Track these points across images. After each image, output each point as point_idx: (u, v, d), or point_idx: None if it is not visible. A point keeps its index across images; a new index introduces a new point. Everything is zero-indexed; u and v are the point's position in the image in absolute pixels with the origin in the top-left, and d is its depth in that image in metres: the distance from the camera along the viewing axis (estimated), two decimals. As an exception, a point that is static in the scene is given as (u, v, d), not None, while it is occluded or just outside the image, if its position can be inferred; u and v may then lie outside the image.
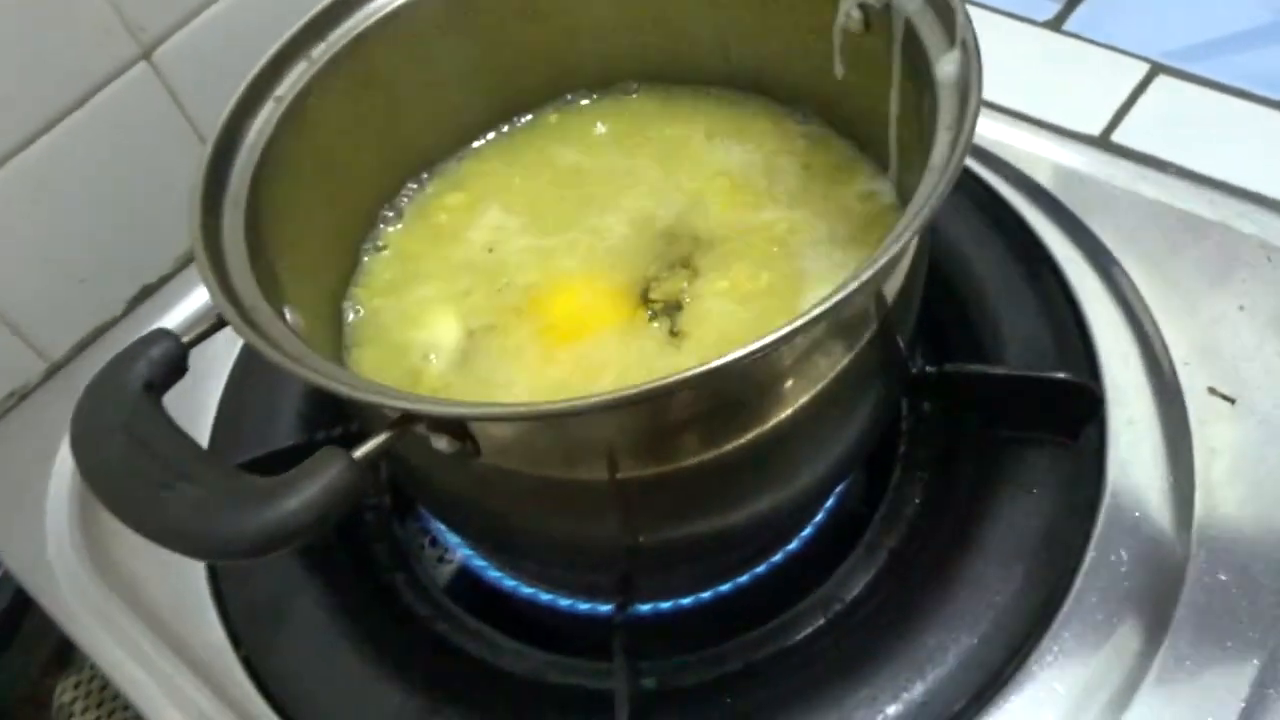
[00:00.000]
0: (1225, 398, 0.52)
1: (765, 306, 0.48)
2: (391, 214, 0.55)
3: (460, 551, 0.56)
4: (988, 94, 0.64)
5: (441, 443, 0.35)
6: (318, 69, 0.48)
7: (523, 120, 0.58)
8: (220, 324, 0.38)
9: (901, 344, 0.47)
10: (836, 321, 0.39)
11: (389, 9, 0.50)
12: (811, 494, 0.50)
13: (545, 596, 0.52)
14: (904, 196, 0.49)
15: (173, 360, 0.37)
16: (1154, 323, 0.55)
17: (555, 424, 0.35)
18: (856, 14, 0.46)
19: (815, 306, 0.33)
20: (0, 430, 0.66)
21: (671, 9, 0.53)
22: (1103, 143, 0.68)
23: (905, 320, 0.47)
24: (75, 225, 0.67)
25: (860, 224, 0.50)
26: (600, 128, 0.56)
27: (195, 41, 0.67)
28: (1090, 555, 0.48)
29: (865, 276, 0.33)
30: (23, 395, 0.69)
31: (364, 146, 0.51)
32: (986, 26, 0.71)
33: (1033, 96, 0.69)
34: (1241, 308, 0.55)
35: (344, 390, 0.33)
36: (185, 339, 0.38)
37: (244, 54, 0.46)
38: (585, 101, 0.58)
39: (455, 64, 0.54)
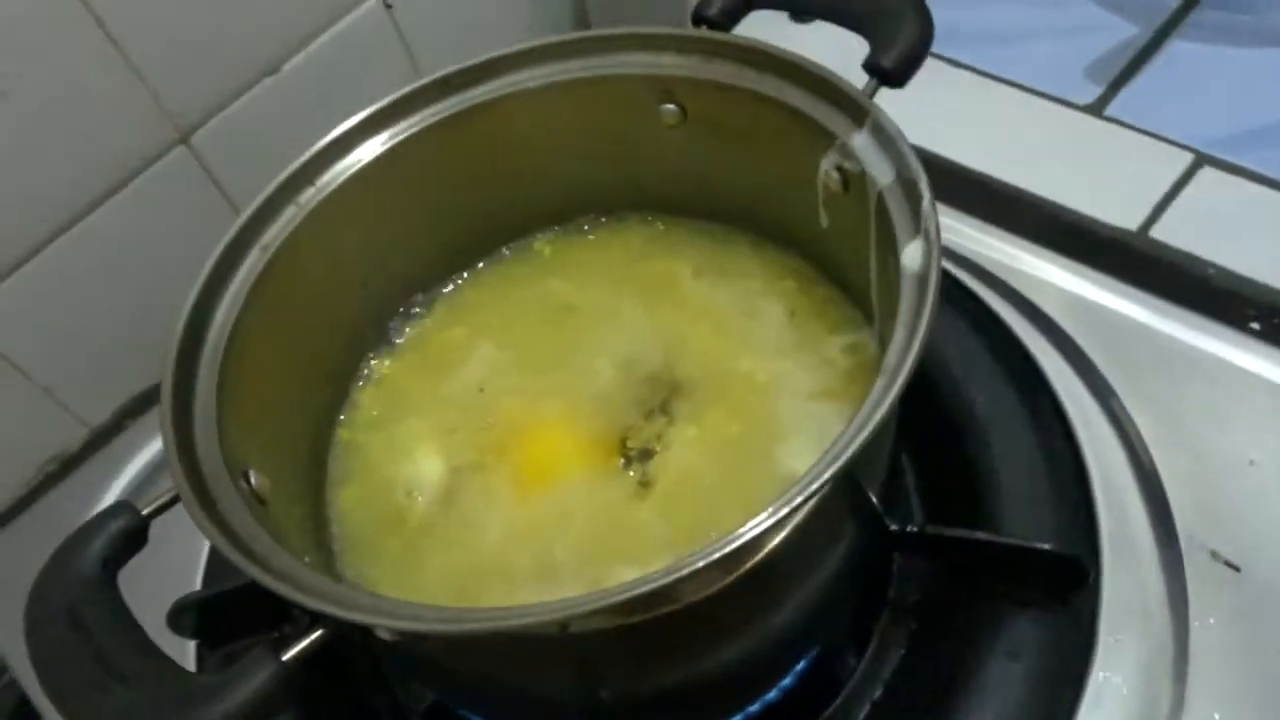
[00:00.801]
0: (1230, 565, 0.50)
1: (735, 458, 0.48)
2: (383, 345, 0.56)
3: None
4: (1023, 179, 0.65)
5: (385, 634, 0.35)
6: (306, 213, 0.49)
7: (513, 247, 0.58)
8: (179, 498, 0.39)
9: (874, 501, 0.46)
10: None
11: (380, 152, 0.51)
12: (785, 650, 0.49)
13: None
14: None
15: (132, 533, 0.38)
16: (1158, 477, 0.53)
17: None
18: (835, 175, 0.45)
19: (764, 516, 0.33)
20: (26, 519, 0.68)
21: (667, 151, 0.53)
22: (1140, 238, 0.65)
23: (874, 479, 0.46)
24: (119, 296, 0.70)
25: (843, 377, 0.49)
26: (592, 261, 0.56)
27: (232, 126, 0.69)
28: (1073, 732, 0.46)
29: (806, 490, 0.33)
30: (65, 461, 0.72)
31: (349, 284, 0.52)
32: (1024, 108, 0.71)
33: (1068, 187, 0.67)
34: (1252, 462, 0.53)
35: (270, 585, 0.34)
36: (145, 511, 0.39)
37: (280, 135, 0.48)
38: (585, 228, 0.58)
39: (446, 197, 0.54)
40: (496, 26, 0.80)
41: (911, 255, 0.38)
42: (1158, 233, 0.64)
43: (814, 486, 0.32)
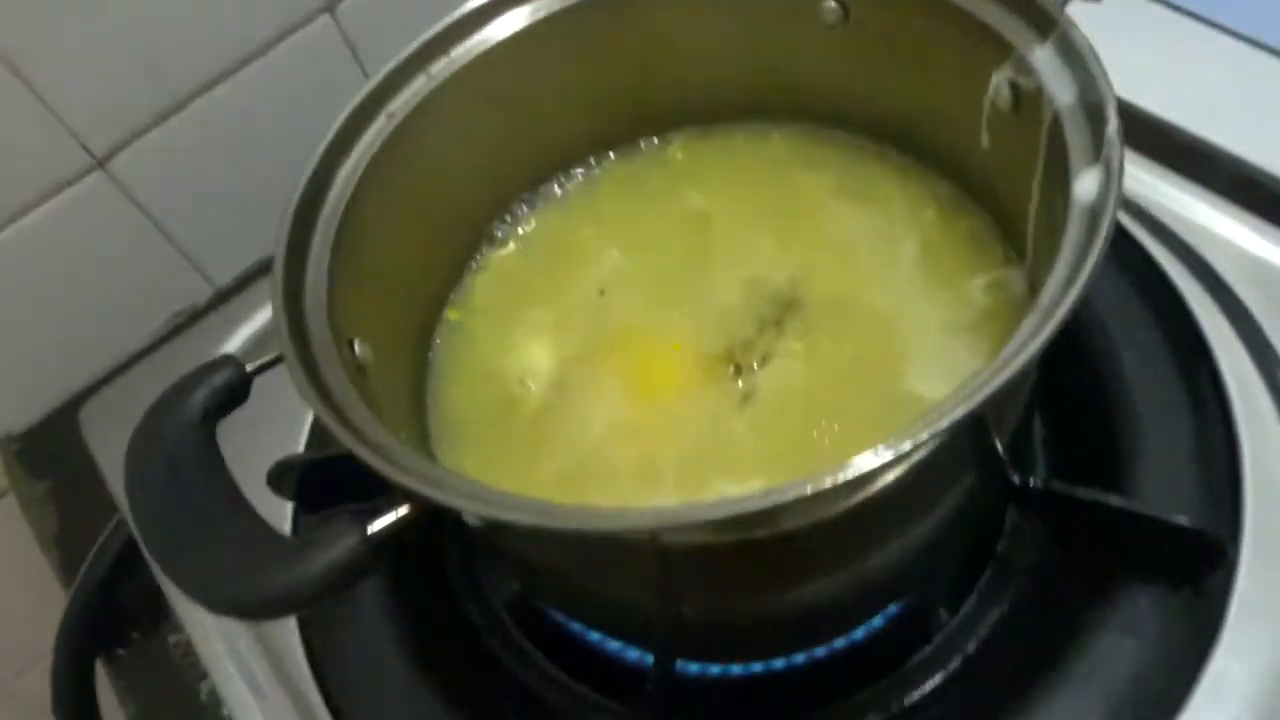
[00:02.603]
0: (1388, 567, 0.45)
1: (851, 382, 0.46)
2: (505, 232, 0.54)
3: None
4: (1210, 130, 0.59)
5: (473, 519, 0.34)
6: (437, 84, 0.47)
7: (649, 143, 0.55)
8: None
9: (1000, 448, 0.43)
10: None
11: (520, 28, 0.48)
12: (880, 593, 0.47)
13: (593, 635, 0.52)
14: (1036, 293, 0.44)
15: (234, 387, 0.38)
16: (1320, 463, 0.48)
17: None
18: (1007, 91, 0.41)
19: (882, 449, 0.30)
20: (144, 367, 0.70)
21: (821, 54, 0.49)
22: None
23: (1004, 424, 0.42)
24: (254, 161, 0.71)
25: (980, 314, 0.45)
26: (730, 168, 0.53)
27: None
28: (1182, 721, 0.43)
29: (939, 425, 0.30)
30: (191, 315, 0.75)
31: (475, 165, 0.50)
32: (1222, 53, 0.64)
33: (1257, 139, 0.61)
34: None
35: (361, 454, 0.33)
36: (249, 367, 0.38)
37: (425, 8, 0.46)
38: (726, 131, 0.55)
39: (582, 83, 0.52)
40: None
41: (1086, 186, 0.34)
42: None
43: (942, 424, 0.30)
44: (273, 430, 0.57)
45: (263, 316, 0.70)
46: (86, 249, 0.67)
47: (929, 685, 0.48)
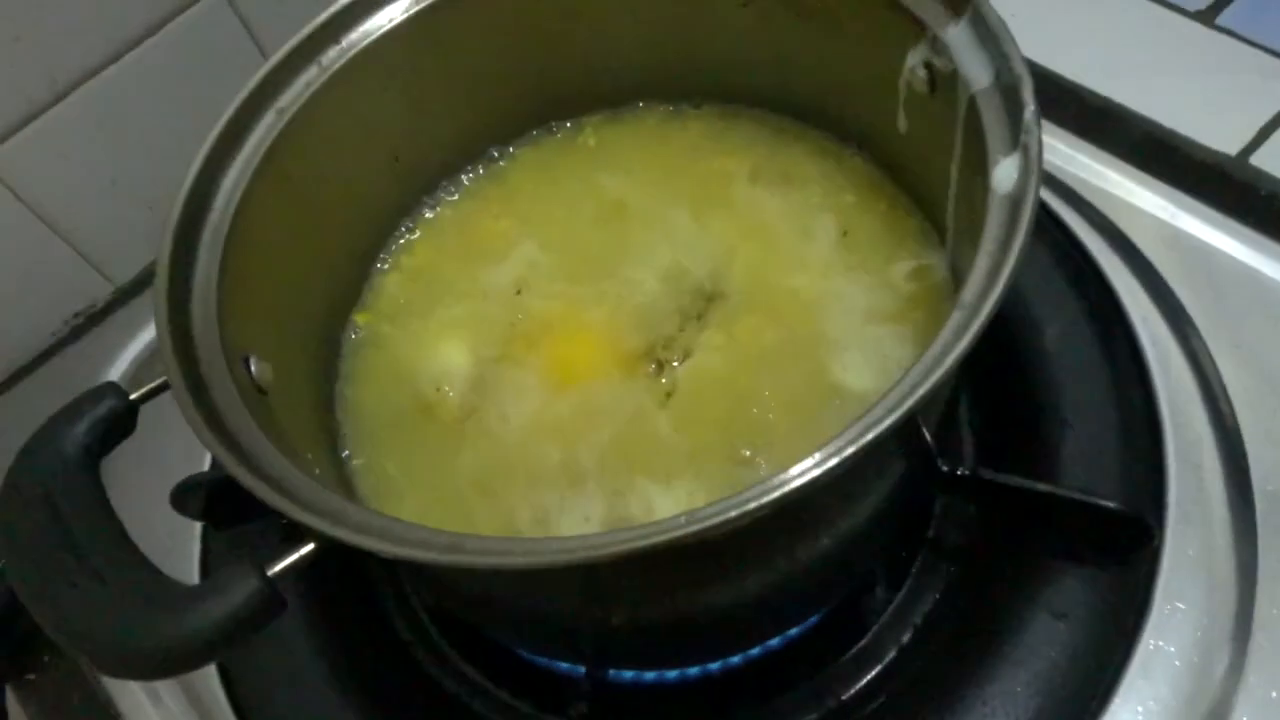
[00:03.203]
0: (1308, 534, 0.45)
1: (773, 372, 0.44)
2: (413, 228, 0.51)
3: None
4: (1118, 91, 0.58)
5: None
6: (330, 75, 0.44)
7: (560, 128, 0.53)
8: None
9: (928, 439, 0.42)
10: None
11: (417, 9, 0.46)
12: (813, 587, 0.46)
13: (519, 649, 0.50)
14: (958, 277, 0.43)
15: (118, 418, 0.35)
16: (1239, 432, 0.48)
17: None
18: (922, 73, 0.40)
19: (824, 456, 0.29)
20: (47, 370, 0.67)
21: (732, 31, 0.47)
22: (1240, 164, 0.59)
23: (931, 416, 0.41)
24: (142, 150, 0.67)
25: (904, 301, 0.44)
26: (645, 153, 0.51)
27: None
28: (1114, 702, 0.43)
29: (872, 434, 0.29)
30: (89, 315, 0.71)
31: (377, 160, 0.48)
32: (1126, 11, 0.63)
33: (1168, 102, 0.61)
34: (1349, 426, 0.48)
35: (254, 488, 0.31)
36: (134, 396, 0.36)
37: None
38: (639, 115, 0.53)
39: (487, 65, 0.49)
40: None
41: (1005, 174, 0.33)
42: (1260, 159, 0.58)
43: (869, 437, 0.28)
44: (174, 444, 0.54)
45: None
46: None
47: (865, 678, 0.48)
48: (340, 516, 0.31)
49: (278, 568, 0.31)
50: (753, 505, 0.29)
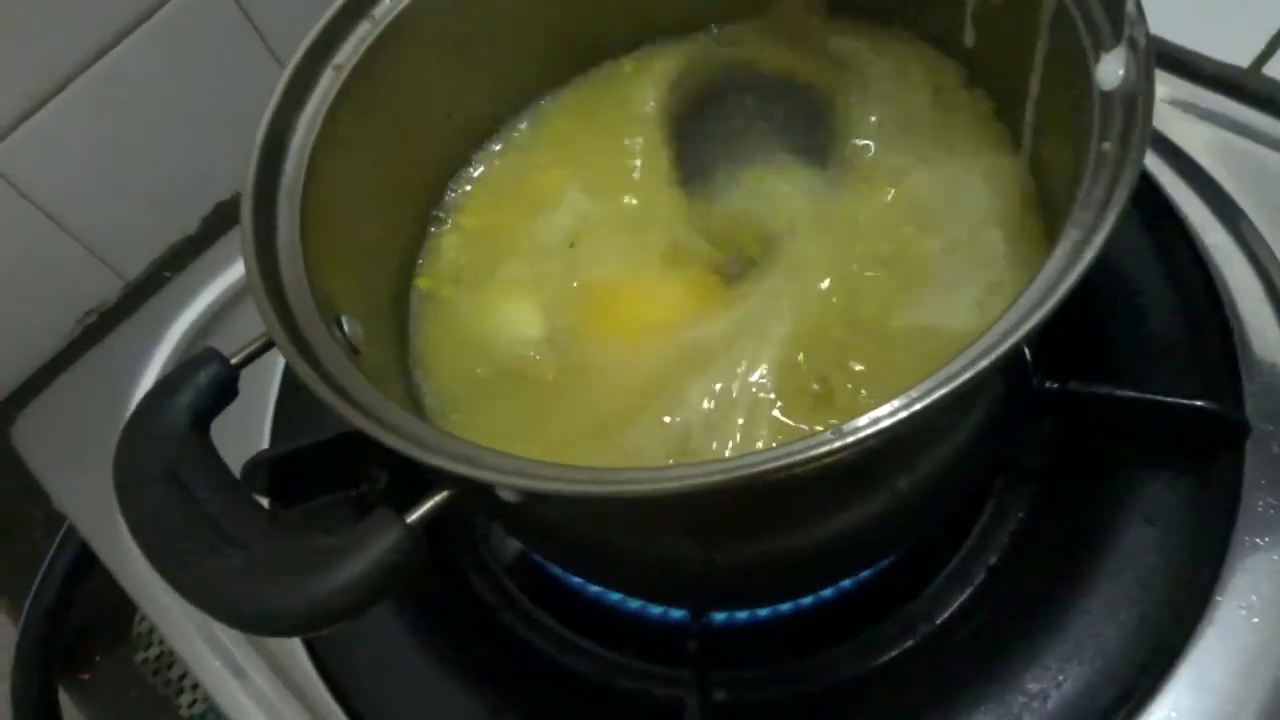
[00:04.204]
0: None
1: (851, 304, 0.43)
2: (464, 188, 0.50)
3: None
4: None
5: (508, 495, 0.32)
6: (381, 30, 0.43)
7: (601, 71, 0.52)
8: (271, 344, 0.35)
9: (1028, 357, 0.42)
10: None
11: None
12: (909, 519, 0.46)
13: (613, 596, 0.50)
14: (1038, 182, 0.43)
15: (221, 385, 0.34)
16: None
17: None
18: (999, -19, 0.39)
19: (953, 373, 0.28)
20: (74, 373, 0.65)
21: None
22: (1250, 76, 0.59)
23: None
24: (143, 144, 0.67)
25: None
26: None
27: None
28: (1216, 601, 0.43)
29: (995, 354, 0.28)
30: (102, 313, 0.70)
31: (432, 113, 0.47)
32: None
33: (1171, 15, 0.58)
34: None
35: (401, 447, 0.30)
36: (234, 360, 0.35)
37: None
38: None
39: (536, 17, 0.48)
40: None
41: (1110, 70, 0.33)
42: (1273, 69, 0.58)
43: (981, 367, 0.28)
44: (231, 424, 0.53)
45: (189, 311, 0.65)
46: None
47: (957, 601, 0.48)
48: (476, 459, 0.30)
49: (416, 515, 0.30)
50: (903, 414, 0.28)
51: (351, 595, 0.29)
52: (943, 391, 0.28)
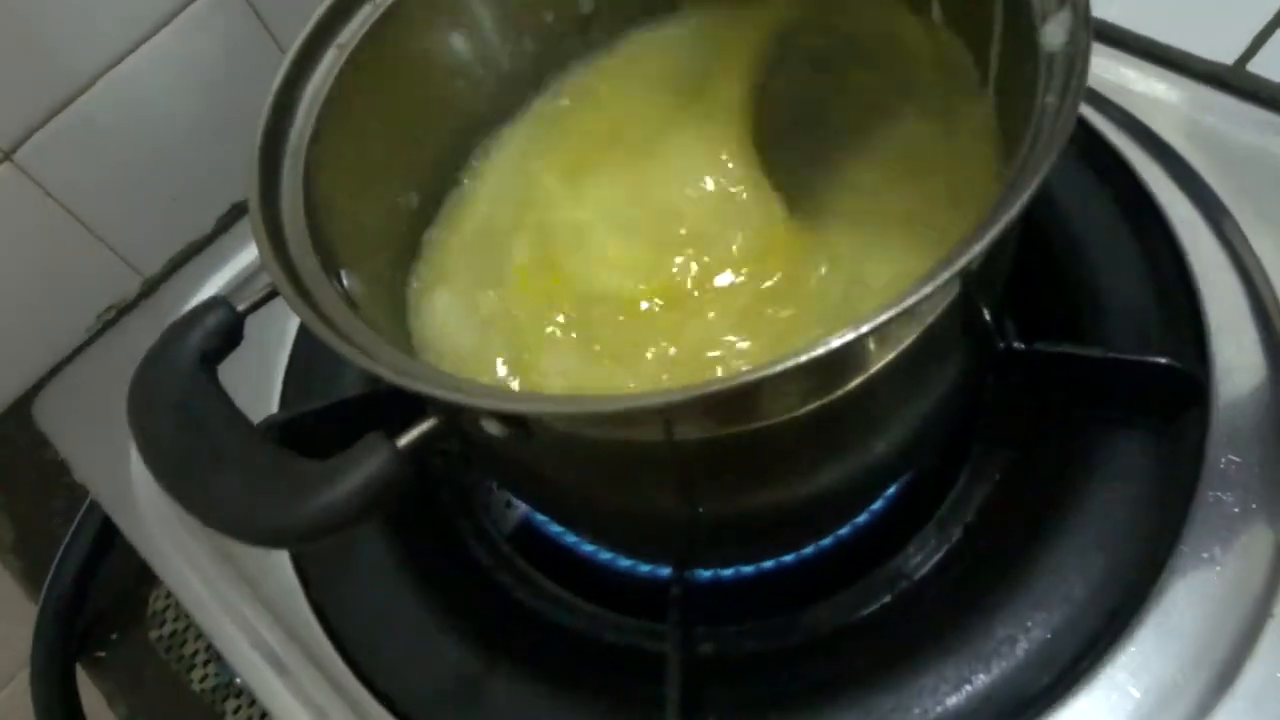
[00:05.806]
0: (1347, 384, 0.48)
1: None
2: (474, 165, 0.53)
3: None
4: (1109, 10, 0.60)
5: (494, 428, 0.34)
6: (383, 11, 0.46)
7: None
8: (275, 293, 0.37)
9: (987, 316, 0.44)
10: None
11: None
12: (881, 472, 0.48)
13: (604, 555, 0.52)
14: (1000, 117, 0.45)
15: (228, 330, 0.37)
16: (1274, 296, 0.50)
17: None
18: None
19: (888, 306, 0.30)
20: (96, 350, 0.68)
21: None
22: (1236, 73, 0.61)
23: (991, 291, 0.44)
24: (162, 145, 0.69)
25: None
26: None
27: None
28: (1181, 550, 0.45)
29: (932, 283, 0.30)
30: (121, 309, 0.72)
31: (435, 93, 0.49)
32: None
33: (1158, 14, 0.62)
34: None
35: (387, 375, 0.32)
36: (240, 308, 0.37)
37: None
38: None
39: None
40: None
41: (1053, 34, 0.35)
42: (1256, 66, 0.60)
43: (923, 293, 0.30)
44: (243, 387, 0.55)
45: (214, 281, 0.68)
46: (2, 249, 0.65)
47: (934, 558, 0.50)
48: (467, 389, 0.32)
49: (406, 439, 0.32)
50: (850, 335, 0.30)
51: (346, 508, 0.31)
52: (884, 316, 0.30)
